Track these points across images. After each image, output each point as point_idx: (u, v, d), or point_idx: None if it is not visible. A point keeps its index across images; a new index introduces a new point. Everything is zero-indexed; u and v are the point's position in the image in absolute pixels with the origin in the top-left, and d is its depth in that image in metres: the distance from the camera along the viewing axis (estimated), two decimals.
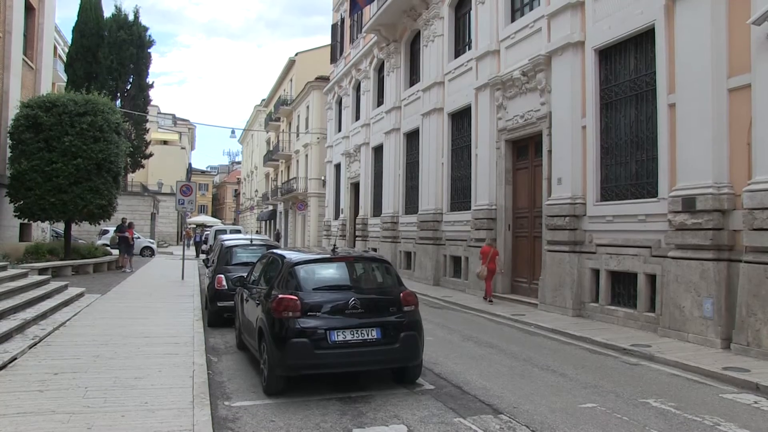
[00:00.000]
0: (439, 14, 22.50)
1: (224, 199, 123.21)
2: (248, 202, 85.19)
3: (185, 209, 22.55)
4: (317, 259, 8.37)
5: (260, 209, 71.29)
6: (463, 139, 20.81)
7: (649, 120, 12.54)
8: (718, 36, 10.76)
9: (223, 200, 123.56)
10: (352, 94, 34.71)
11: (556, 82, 15.25)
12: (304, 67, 51.40)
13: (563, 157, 14.78)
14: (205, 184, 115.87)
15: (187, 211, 23.98)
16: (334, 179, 38.28)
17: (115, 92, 43.00)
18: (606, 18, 13.66)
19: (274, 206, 62.48)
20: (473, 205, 19.23)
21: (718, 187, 10.56)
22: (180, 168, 75.11)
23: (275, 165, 62.57)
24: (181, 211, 25.70)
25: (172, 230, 61.22)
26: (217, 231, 35.41)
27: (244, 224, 79.50)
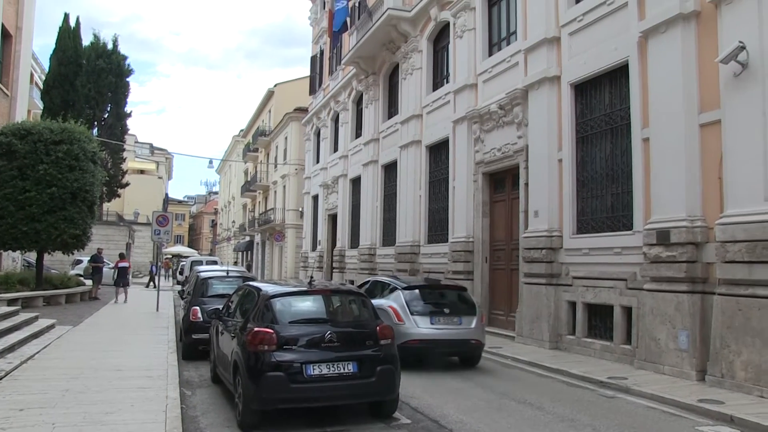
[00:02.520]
0: (417, 48, 22.75)
1: (201, 229, 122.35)
2: (225, 232, 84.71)
3: (161, 240, 22.34)
4: (293, 292, 8.33)
5: (237, 240, 70.88)
6: (441, 171, 20.92)
7: (624, 154, 12.71)
8: (689, 73, 10.99)
9: (200, 230, 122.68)
10: (330, 126, 34.83)
11: (533, 116, 15.42)
12: (283, 98, 51.57)
13: (540, 190, 14.89)
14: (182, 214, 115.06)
15: (163, 242, 23.77)
16: (311, 210, 38.22)
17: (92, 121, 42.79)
18: (581, 53, 13.89)
19: (251, 237, 62.18)
20: (450, 238, 19.27)
21: (691, 220, 10.69)
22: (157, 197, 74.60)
23: (253, 196, 62.41)
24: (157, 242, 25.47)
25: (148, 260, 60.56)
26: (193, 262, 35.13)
27: (221, 255, 78.94)
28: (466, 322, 12.06)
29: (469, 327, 12.04)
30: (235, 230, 72.62)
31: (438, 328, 11.80)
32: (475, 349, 12.27)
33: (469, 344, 12.08)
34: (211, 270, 16.26)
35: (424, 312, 11.91)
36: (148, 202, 66.71)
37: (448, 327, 11.92)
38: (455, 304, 12.49)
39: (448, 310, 12.17)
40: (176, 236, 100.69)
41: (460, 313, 12.18)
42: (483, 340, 12.40)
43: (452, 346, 12.08)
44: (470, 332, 12.02)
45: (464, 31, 19.05)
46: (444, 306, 12.31)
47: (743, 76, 9.81)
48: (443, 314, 12.04)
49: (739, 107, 9.91)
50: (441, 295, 12.97)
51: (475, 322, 12.16)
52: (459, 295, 12.95)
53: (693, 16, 11.03)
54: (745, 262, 9.44)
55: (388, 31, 23.74)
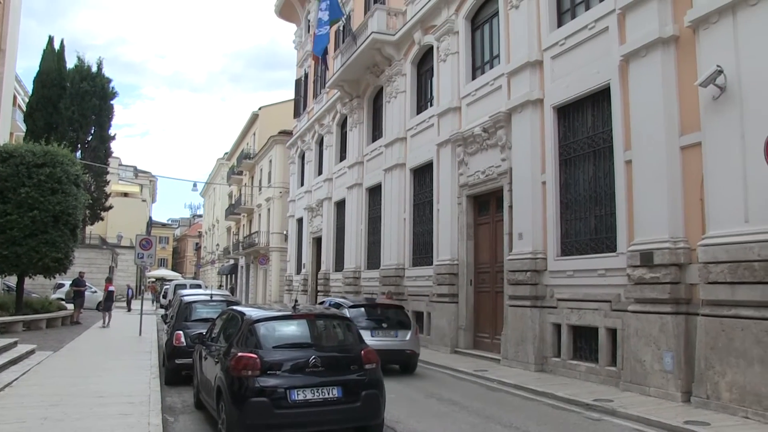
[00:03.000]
0: (401, 71, 22.89)
1: (185, 252, 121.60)
2: (209, 255, 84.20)
3: (144, 263, 22.16)
4: (278, 317, 8.27)
5: (221, 263, 70.48)
6: (425, 194, 20.96)
7: (607, 176, 12.80)
8: (670, 96, 11.13)
9: (184, 254, 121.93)
10: (314, 149, 34.87)
11: (516, 139, 15.52)
12: (268, 121, 51.65)
13: (524, 213, 14.95)
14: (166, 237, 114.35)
15: (147, 265, 23.59)
16: (296, 233, 38.12)
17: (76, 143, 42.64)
18: (564, 77, 14.03)
19: (235, 260, 61.88)
20: (435, 260, 19.27)
21: (674, 241, 10.76)
22: (140, 220, 74.16)
23: (237, 219, 62.22)
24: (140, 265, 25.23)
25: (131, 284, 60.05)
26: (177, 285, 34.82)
27: (205, 278, 78.43)
28: (401, 335, 14.50)
29: (404, 339, 14.45)
30: (220, 253, 72.25)
31: (378, 340, 13.66)
32: (410, 357, 14.47)
33: (405, 354, 14.34)
34: (194, 294, 16.13)
35: (366, 327, 13.82)
36: (131, 225, 66.28)
37: (386, 339, 14.16)
38: (392, 320, 14.91)
39: (386, 324, 14.61)
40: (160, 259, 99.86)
41: (396, 327, 14.63)
42: (417, 350, 14.75)
43: (390, 355, 13.61)
44: (405, 343, 14.40)
45: (448, 55, 19.21)
46: (383, 321, 14.71)
47: (722, 99, 9.96)
48: (382, 328, 14.44)
49: (719, 130, 10.04)
50: (381, 312, 15.30)
51: (409, 335, 14.59)
52: (396, 312, 15.50)
53: (672, 40, 11.20)
54: (727, 283, 9.50)
55: (373, 54, 23.88)
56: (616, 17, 12.52)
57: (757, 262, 9.08)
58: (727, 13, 9.98)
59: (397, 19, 23.36)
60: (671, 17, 11.29)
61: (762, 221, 9.19)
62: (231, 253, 62.49)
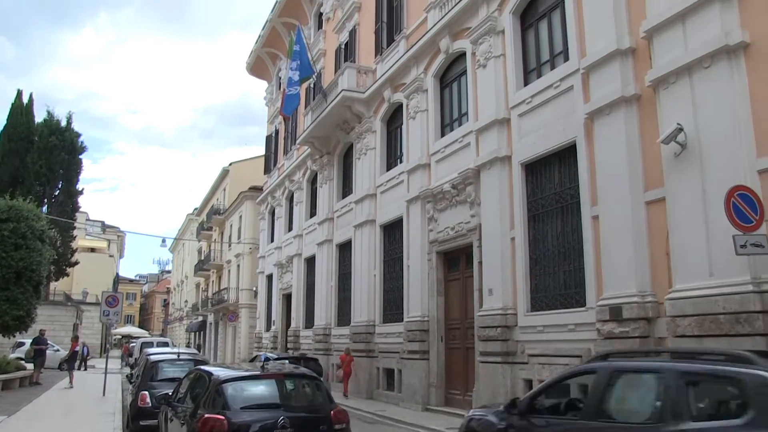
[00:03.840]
0: (371, 128, 23.14)
1: (153, 309, 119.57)
2: (178, 312, 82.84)
3: (110, 321, 21.72)
4: (246, 377, 8.12)
5: (190, 320, 69.31)
6: (396, 250, 20.97)
7: (575, 231, 12.95)
8: (634, 152, 11.42)
9: (152, 310, 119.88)
10: (285, 205, 34.86)
11: (485, 195, 15.68)
12: (238, 176, 51.61)
13: (494, 268, 15.00)
14: (133, 293, 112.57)
15: (113, 323, 23.13)
16: (265, 290, 37.76)
17: (42, 198, 42.02)
18: (531, 134, 14.30)
19: (204, 317, 60.90)
20: (406, 317, 19.17)
21: (642, 295, 10.86)
22: (107, 276, 72.88)
23: (206, 275, 61.49)
24: (106, 323, 24.77)
25: (96, 341, 58.59)
26: (144, 343, 34.06)
27: (173, 335, 76.94)
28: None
29: None
30: (188, 310, 71.12)
31: None
32: None
33: None
34: (161, 352, 15.83)
35: None
36: (98, 280, 65.00)
37: None
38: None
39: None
40: (126, 316, 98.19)
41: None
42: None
43: None
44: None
45: (417, 113, 19.51)
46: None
47: (683, 156, 10.23)
48: None
49: (681, 185, 10.28)
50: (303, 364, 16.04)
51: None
52: (316, 364, 17.53)
53: (634, 99, 11.54)
54: (695, 336, 9.59)
55: (343, 111, 24.15)
56: (580, 76, 12.88)
57: (723, 315, 9.20)
58: (684, 74, 10.35)
59: (367, 77, 23.74)
60: (633, 77, 11.66)
61: (726, 275, 9.34)
62: (200, 310, 61.52)
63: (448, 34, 18.05)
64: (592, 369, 7.10)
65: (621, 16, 11.99)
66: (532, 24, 15.31)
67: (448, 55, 18.32)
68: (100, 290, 31.84)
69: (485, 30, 16.07)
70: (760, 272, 9.04)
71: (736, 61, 9.76)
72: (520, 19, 15.55)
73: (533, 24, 15.26)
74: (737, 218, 8.61)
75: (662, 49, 10.89)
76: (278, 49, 36.47)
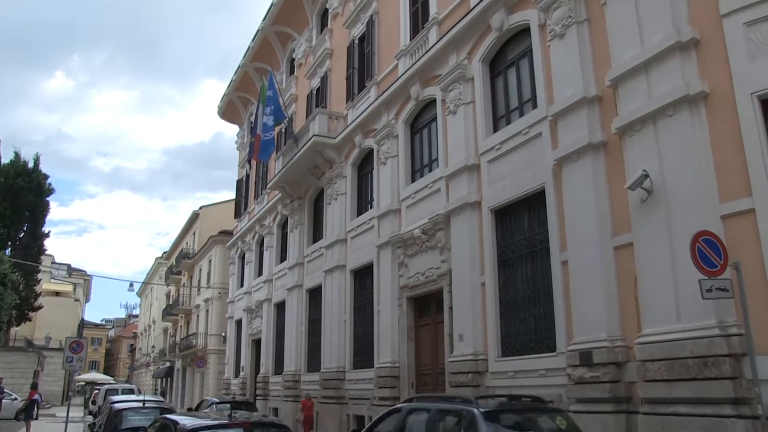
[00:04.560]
0: (342, 173, 23.21)
1: (118, 354, 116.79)
2: (144, 358, 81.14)
3: (74, 367, 21.16)
4: (212, 426, 7.94)
5: (157, 366, 67.88)
6: (366, 295, 20.86)
7: (545, 277, 13.01)
8: (602, 198, 11.59)
9: (118, 356, 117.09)
10: (255, 250, 34.63)
11: (456, 241, 15.74)
12: (208, 220, 51.27)
13: (464, 314, 14.98)
14: (99, 338, 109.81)
15: (76, 369, 22.54)
16: (235, 335, 37.22)
17: (6, 240, 41.34)
18: (501, 180, 14.45)
19: (171, 363, 59.70)
20: (376, 363, 18.98)
21: (611, 340, 10.90)
22: (72, 321, 71.25)
23: (174, 319, 60.50)
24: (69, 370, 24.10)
25: (58, 389, 57.03)
26: (108, 390, 33.20)
27: (139, 382, 75.27)
28: None
29: None
30: (155, 355, 69.70)
31: None
32: None
33: None
34: (126, 400, 15.46)
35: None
36: (62, 325, 63.41)
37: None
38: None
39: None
40: (91, 362, 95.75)
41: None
42: None
43: None
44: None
45: (388, 158, 19.64)
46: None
47: (649, 202, 10.40)
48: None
49: (648, 231, 10.43)
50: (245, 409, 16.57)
51: None
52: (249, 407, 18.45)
53: (601, 146, 11.76)
54: (664, 380, 9.62)
55: (314, 156, 24.23)
56: (548, 123, 13.11)
57: (691, 359, 9.26)
58: (649, 122, 10.60)
59: (338, 123, 23.91)
60: (599, 124, 11.90)
61: (693, 319, 9.44)
62: (167, 356, 60.32)
63: (419, 81, 18.31)
64: (398, 408, 9.95)
65: (587, 65, 12.30)
66: (500, 72, 15.61)
67: (419, 101, 18.56)
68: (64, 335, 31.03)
69: (455, 77, 16.34)
70: (726, 316, 9.15)
71: (697, 110, 10.03)
72: (489, 67, 15.87)
73: (502, 72, 15.57)
74: (702, 263, 8.73)
75: (627, 98, 11.16)
76: (250, 93, 36.69)
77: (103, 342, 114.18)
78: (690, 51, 10.29)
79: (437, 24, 17.98)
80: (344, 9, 25.36)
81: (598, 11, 12.32)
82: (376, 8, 22.37)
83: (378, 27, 22.11)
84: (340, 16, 25.73)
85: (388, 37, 21.26)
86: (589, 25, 12.55)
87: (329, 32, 26.73)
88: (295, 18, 30.17)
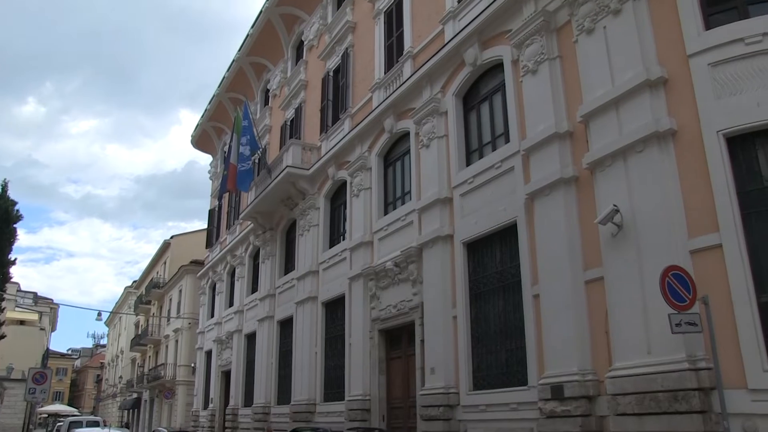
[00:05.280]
0: (315, 205, 23.18)
1: (84, 385, 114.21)
2: (111, 388, 79.44)
3: (36, 399, 20.64)
4: None
5: (124, 397, 66.53)
6: (338, 328, 20.71)
7: (517, 310, 13.04)
8: (573, 232, 11.70)
9: (83, 386, 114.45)
10: (226, 280, 34.31)
11: (428, 274, 15.74)
12: (179, 250, 50.78)
13: (436, 347, 14.93)
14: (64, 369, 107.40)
15: (39, 401, 21.99)
16: (204, 366, 36.65)
17: None
18: (473, 213, 14.52)
19: (139, 394, 58.56)
20: (347, 396, 18.78)
21: (583, 374, 10.92)
22: (36, 351, 69.37)
23: (143, 350, 59.44)
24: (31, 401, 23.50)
25: (18, 422, 55.42)
26: (72, 423, 32.36)
27: (105, 413, 73.60)
28: None
29: None
30: (122, 386, 68.32)
31: None
32: None
33: None
34: None
35: None
36: (26, 355, 61.82)
37: None
38: None
39: None
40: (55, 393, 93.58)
41: None
42: None
43: None
44: None
45: (361, 190, 19.66)
46: None
47: (620, 237, 10.52)
48: None
49: (619, 265, 10.53)
50: None
51: None
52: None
53: (572, 180, 11.91)
54: (635, 414, 9.64)
55: (287, 187, 24.18)
56: (520, 158, 13.25)
57: (662, 393, 9.30)
58: (619, 157, 10.77)
59: (311, 154, 23.93)
60: (571, 159, 12.06)
61: (663, 353, 9.50)
62: (135, 386, 59.19)
63: (393, 114, 18.44)
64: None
65: (559, 100, 12.50)
66: (474, 106, 15.79)
67: (392, 134, 18.67)
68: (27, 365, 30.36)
69: (429, 111, 16.49)
70: (695, 350, 9.23)
71: (666, 146, 10.22)
72: (463, 101, 16.05)
73: (475, 106, 15.74)
74: (672, 297, 8.82)
75: (598, 133, 11.33)
76: (224, 123, 36.67)
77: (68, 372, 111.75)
78: (659, 89, 10.52)
79: (412, 58, 18.18)
80: (320, 41, 25.56)
81: (569, 48, 12.57)
82: (352, 41, 22.58)
83: (353, 59, 22.30)
84: (315, 48, 25.93)
85: (362, 70, 21.43)
86: (560, 61, 12.79)
87: (304, 64, 26.89)
88: (270, 49, 30.33)
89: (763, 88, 9.45)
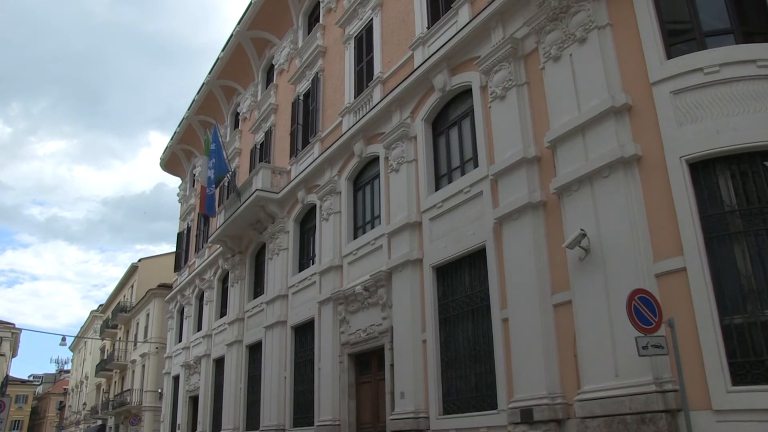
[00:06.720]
0: (284, 228, 23.09)
1: (46, 412, 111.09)
2: (75, 416, 77.59)
3: None
4: None
5: (87, 424, 65.07)
6: (307, 352, 20.56)
7: (486, 334, 13.08)
8: (541, 256, 11.81)
9: (45, 414, 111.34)
10: (194, 304, 33.91)
11: (397, 298, 15.74)
12: (147, 273, 50.21)
13: (405, 371, 14.89)
14: (24, 396, 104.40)
15: None
16: (171, 392, 36.04)
17: None
18: (442, 237, 14.59)
19: (104, 421, 57.35)
20: (317, 421, 18.60)
21: (552, 397, 10.97)
22: None
23: (109, 375, 58.33)
24: None
25: None
26: None
27: None
28: None
29: None
30: (86, 413, 66.85)
31: None
32: None
33: None
34: None
35: None
36: None
37: None
38: None
39: None
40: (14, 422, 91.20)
41: None
42: None
43: None
44: None
45: (330, 214, 19.65)
46: None
47: (587, 261, 10.65)
48: None
49: (586, 289, 10.65)
50: None
51: None
52: None
53: (540, 205, 12.05)
54: None
55: (256, 211, 24.06)
56: (489, 183, 13.37)
57: (629, 415, 9.38)
58: (586, 182, 10.95)
59: (281, 178, 23.89)
60: (539, 184, 12.22)
61: (630, 375, 9.60)
62: (99, 413, 57.98)
63: (362, 139, 18.52)
64: None
65: (527, 126, 12.69)
66: (443, 131, 15.93)
67: (362, 158, 18.73)
68: None
69: (398, 136, 16.59)
70: (661, 372, 9.36)
71: (631, 172, 10.42)
72: (432, 126, 16.19)
73: (444, 131, 15.89)
74: (638, 320, 8.96)
75: (565, 159, 11.51)
76: (194, 146, 36.48)
77: (29, 399, 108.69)
78: (624, 116, 10.75)
79: (381, 83, 18.33)
80: (290, 65, 25.64)
81: (536, 75, 12.78)
82: (322, 66, 22.69)
83: (323, 84, 22.39)
84: (285, 72, 26.00)
85: (332, 94, 21.52)
86: (528, 88, 13.00)
87: (275, 87, 26.93)
88: (240, 73, 30.33)
89: (721, 116, 9.72)
